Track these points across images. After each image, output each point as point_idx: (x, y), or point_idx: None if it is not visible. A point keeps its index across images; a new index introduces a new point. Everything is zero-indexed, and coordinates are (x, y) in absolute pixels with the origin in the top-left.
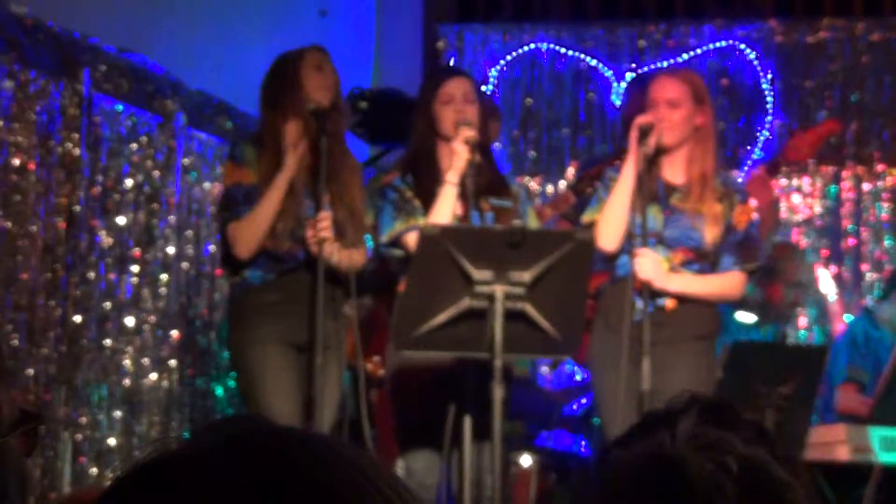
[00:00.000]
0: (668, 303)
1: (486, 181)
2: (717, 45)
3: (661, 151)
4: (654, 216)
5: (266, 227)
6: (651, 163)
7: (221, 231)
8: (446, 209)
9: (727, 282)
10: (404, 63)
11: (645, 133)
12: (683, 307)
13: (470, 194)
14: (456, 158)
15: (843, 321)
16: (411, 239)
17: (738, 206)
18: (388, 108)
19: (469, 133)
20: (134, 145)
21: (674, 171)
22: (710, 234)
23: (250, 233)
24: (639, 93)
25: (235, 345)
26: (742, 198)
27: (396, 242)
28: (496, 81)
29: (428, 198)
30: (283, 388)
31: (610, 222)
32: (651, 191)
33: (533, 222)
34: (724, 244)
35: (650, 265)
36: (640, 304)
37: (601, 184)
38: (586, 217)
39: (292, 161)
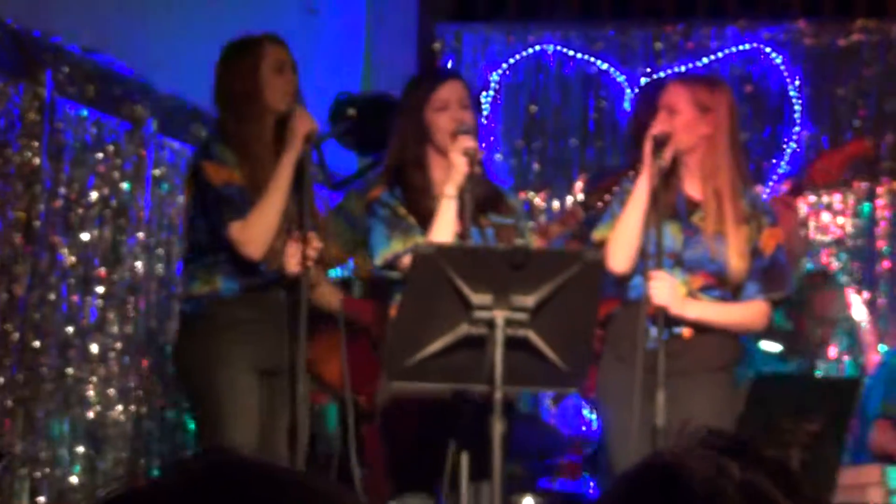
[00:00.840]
0: (685, 331)
1: (482, 194)
2: (741, 48)
3: (680, 163)
4: (673, 235)
5: (277, 224)
6: (670, 174)
7: (212, 232)
8: (446, 226)
9: (750, 311)
10: (397, 66)
11: (660, 144)
12: (702, 336)
13: (468, 210)
14: (454, 171)
15: (877, 352)
16: (408, 261)
17: (767, 229)
18: (379, 115)
19: (468, 143)
20: (100, 154)
21: (694, 185)
22: (733, 258)
23: (262, 231)
24: (652, 100)
25: (199, 365)
26: (771, 220)
27: (393, 264)
28: (498, 86)
29: (421, 214)
30: (249, 420)
31: (622, 241)
32: (670, 206)
33: (531, 242)
34: (748, 270)
35: (666, 289)
36: (654, 331)
37: (614, 197)
38: (597, 234)
39: (296, 149)
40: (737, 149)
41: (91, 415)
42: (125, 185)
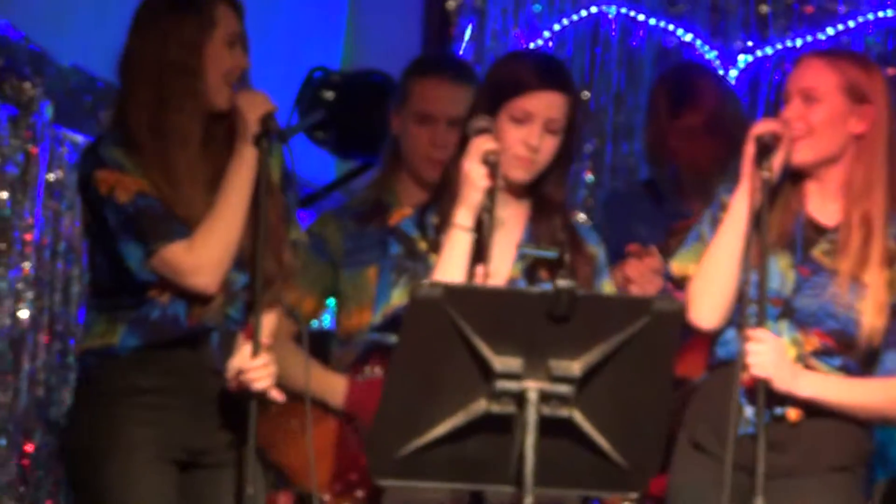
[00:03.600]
0: (793, 413)
1: (547, 232)
2: (882, 14)
3: (798, 174)
4: (782, 272)
5: (236, 243)
6: (781, 187)
7: (113, 267)
8: (456, 263)
9: (890, 392)
10: (391, 32)
11: (766, 148)
12: (816, 422)
13: (488, 238)
14: (467, 187)
15: None
16: None
17: None
18: (368, 101)
19: (488, 145)
20: None
21: (823, 204)
22: (869, 313)
23: (217, 252)
24: (679, 93)
25: (83, 449)
26: None
27: (391, 322)
28: None
29: None
30: None
31: (710, 279)
32: (784, 231)
33: (609, 290)
34: (889, 332)
35: (769, 353)
36: (749, 411)
37: (706, 213)
38: (676, 265)
39: (250, 140)
40: (895, 159)
41: None
42: (5, 195)
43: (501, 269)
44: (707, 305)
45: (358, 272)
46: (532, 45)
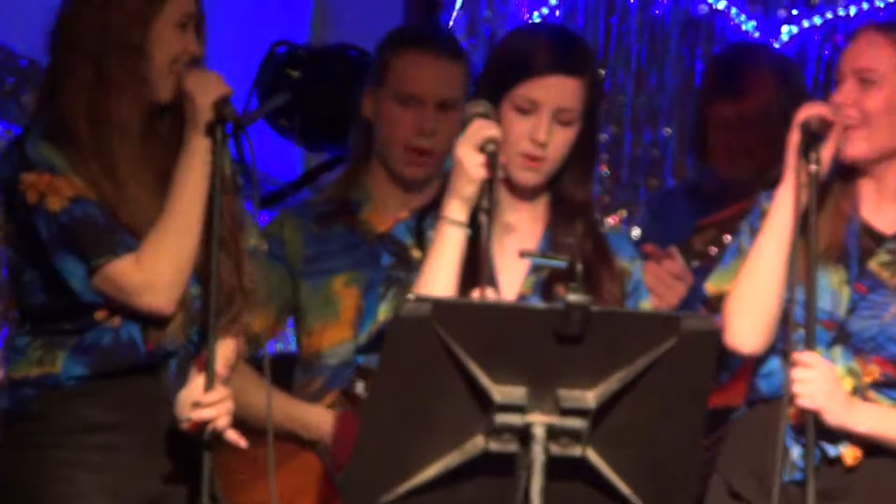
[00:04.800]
0: (849, 453)
1: (572, 245)
2: None
3: (850, 171)
4: (834, 289)
5: (194, 254)
6: (830, 187)
7: (51, 286)
8: (446, 267)
9: None
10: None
11: (814, 136)
12: (877, 464)
13: (487, 241)
14: (461, 177)
15: None
16: None
17: None
18: (340, 82)
19: (489, 131)
20: None
21: (881, 207)
22: None
23: (171, 265)
24: (731, 75)
25: (19, 498)
26: None
27: (378, 342)
28: None
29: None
30: None
31: (749, 294)
32: (835, 239)
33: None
34: None
35: (820, 381)
36: (797, 453)
37: (744, 223)
38: (712, 285)
39: (201, 130)
40: None
41: None
42: None
43: (510, 283)
44: (746, 325)
45: (321, 282)
46: (535, 15)
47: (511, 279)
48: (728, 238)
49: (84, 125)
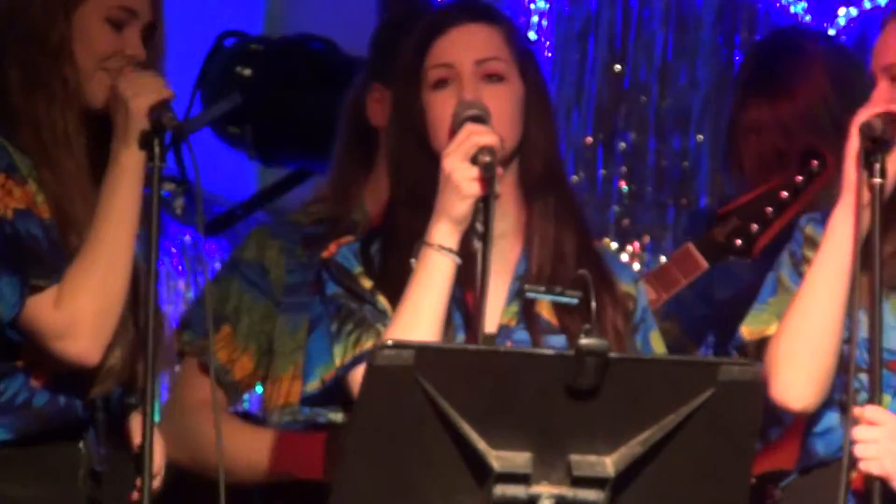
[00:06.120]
0: None
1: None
2: None
3: None
4: None
5: (124, 290)
6: (893, 206)
7: None
8: (431, 303)
9: None
10: None
11: (878, 142)
12: None
13: (484, 271)
14: (450, 193)
15: None
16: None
17: None
18: (302, 81)
19: (483, 138)
20: None
21: None
22: None
23: (96, 306)
24: (777, 66)
25: None
26: None
27: (333, 392)
28: (546, 24)
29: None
30: None
31: (800, 338)
32: None
33: (658, 347)
34: None
35: (888, 443)
36: None
37: (783, 253)
38: (748, 329)
39: (131, 142)
40: None
41: None
42: None
43: (487, 313)
44: (797, 376)
45: (300, 322)
46: (539, 2)
47: (488, 307)
48: (755, 227)
49: (27, 132)
